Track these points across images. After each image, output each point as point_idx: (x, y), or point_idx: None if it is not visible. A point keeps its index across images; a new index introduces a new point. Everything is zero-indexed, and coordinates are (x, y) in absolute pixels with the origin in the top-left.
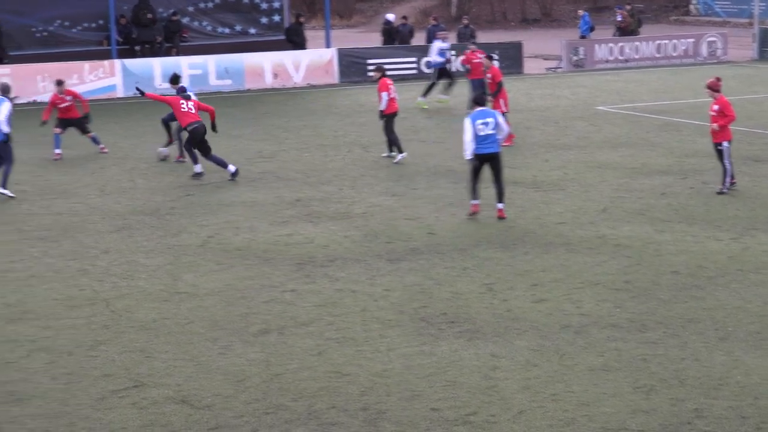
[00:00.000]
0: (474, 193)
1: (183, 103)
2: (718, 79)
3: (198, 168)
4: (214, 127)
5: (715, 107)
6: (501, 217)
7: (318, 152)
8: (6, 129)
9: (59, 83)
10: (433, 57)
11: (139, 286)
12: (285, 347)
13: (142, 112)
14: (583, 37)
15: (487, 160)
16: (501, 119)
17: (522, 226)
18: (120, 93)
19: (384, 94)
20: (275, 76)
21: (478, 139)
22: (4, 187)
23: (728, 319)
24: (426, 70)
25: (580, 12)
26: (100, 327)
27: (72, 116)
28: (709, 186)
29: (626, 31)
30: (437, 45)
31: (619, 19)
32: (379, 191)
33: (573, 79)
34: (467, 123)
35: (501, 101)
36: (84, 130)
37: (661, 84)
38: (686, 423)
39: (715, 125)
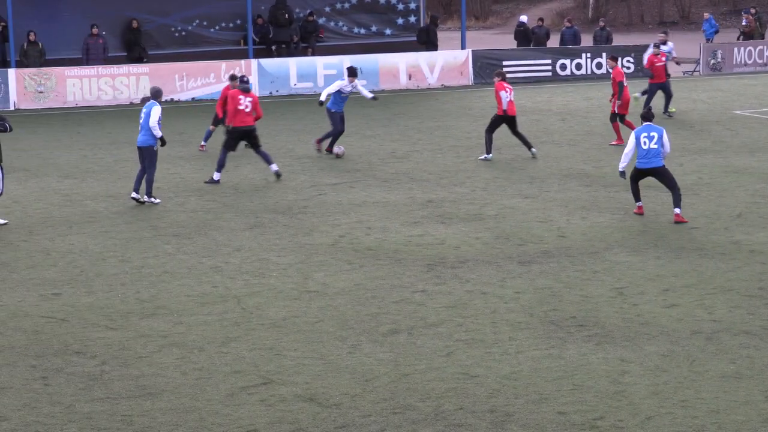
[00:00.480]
0: (635, 196)
1: (241, 98)
2: None
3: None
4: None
5: None
6: (678, 221)
7: (450, 153)
8: (158, 133)
9: (233, 78)
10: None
11: (270, 284)
12: (414, 348)
13: (278, 111)
14: (708, 40)
15: (649, 174)
16: (665, 135)
17: (654, 230)
18: (255, 92)
19: (503, 93)
20: (410, 76)
21: (640, 152)
22: (150, 196)
23: None
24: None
25: (706, 15)
26: (231, 324)
27: None
28: None
29: (750, 35)
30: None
31: (744, 23)
32: (511, 193)
33: (710, 82)
34: (632, 135)
35: (617, 102)
36: None
37: None
38: None
39: None
